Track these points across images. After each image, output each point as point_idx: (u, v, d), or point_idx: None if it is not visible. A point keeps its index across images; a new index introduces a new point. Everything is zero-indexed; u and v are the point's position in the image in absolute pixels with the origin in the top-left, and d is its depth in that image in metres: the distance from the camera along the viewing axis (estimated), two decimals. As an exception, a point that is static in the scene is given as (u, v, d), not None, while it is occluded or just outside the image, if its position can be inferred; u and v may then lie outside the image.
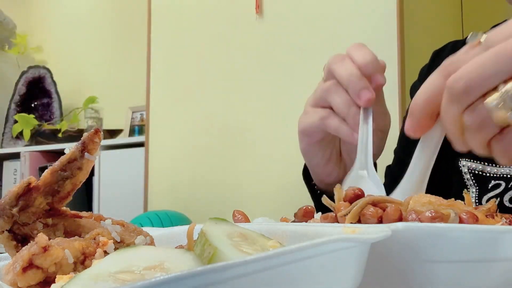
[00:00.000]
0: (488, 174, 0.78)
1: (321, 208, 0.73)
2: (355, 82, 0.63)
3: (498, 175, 0.77)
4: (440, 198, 0.43)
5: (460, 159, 0.80)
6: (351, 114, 0.63)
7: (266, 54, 2.16)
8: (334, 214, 0.45)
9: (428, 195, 0.44)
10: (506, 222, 0.43)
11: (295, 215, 0.49)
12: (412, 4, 1.95)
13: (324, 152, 0.72)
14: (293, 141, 0.77)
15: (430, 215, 0.39)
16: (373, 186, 0.59)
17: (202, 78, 2.35)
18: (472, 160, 0.80)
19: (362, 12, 1.96)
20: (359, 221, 0.43)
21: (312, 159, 0.74)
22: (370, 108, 0.63)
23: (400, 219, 0.40)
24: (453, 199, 0.44)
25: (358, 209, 0.42)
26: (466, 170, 0.80)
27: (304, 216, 0.48)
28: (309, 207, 0.49)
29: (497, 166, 0.78)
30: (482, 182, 0.78)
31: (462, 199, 0.79)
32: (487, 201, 0.77)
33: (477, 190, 0.78)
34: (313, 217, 0.48)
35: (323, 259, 0.30)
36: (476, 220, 0.39)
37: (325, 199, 0.48)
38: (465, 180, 0.80)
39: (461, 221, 0.39)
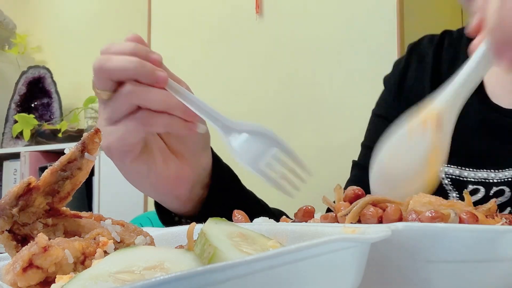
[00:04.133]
0: (465, 179, 0.76)
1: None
2: (143, 70, 0.57)
3: (475, 180, 0.75)
4: (440, 198, 0.43)
5: None
6: (171, 104, 0.58)
7: (266, 54, 2.16)
8: (334, 214, 0.45)
9: (428, 195, 0.44)
10: (506, 222, 0.43)
11: (295, 215, 0.49)
12: (412, 4, 1.95)
13: (155, 158, 0.64)
14: (293, 141, 0.77)
15: (430, 215, 0.39)
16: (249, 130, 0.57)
17: (202, 78, 2.35)
18: (448, 165, 0.78)
19: (362, 12, 1.96)
20: (359, 221, 0.43)
21: (144, 172, 0.64)
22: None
23: (400, 219, 0.40)
24: (453, 199, 0.44)
25: (358, 209, 0.42)
26: (443, 175, 0.78)
27: (304, 216, 0.48)
28: (309, 207, 0.49)
29: (474, 170, 0.76)
30: (460, 187, 0.77)
31: None
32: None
33: (457, 195, 0.77)
34: (313, 217, 0.48)
35: (323, 259, 0.30)
36: (476, 220, 0.39)
37: (325, 199, 0.48)
38: (444, 185, 0.78)
39: (461, 221, 0.39)
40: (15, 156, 2.98)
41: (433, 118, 0.48)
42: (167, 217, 0.71)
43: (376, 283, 0.38)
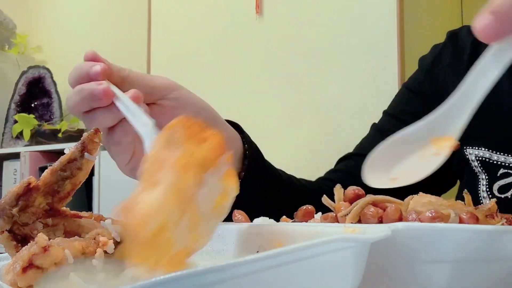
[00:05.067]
0: (495, 162, 0.78)
1: None
2: (88, 98, 0.56)
3: (506, 164, 0.77)
4: (440, 199, 0.43)
5: (465, 147, 0.80)
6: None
7: (266, 54, 2.16)
8: (334, 214, 0.45)
9: (428, 195, 0.44)
10: (506, 222, 0.43)
11: (295, 215, 0.49)
12: (412, 4, 1.95)
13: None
14: (293, 141, 0.77)
15: (430, 215, 0.39)
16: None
17: (202, 78, 2.35)
18: (478, 148, 0.79)
19: (362, 12, 1.96)
20: (359, 221, 0.43)
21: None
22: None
23: (400, 219, 0.40)
24: (453, 199, 0.44)
25: (358, 209, 0.42)
26: (473, 157, 0.79)
27: (304, 216, 0.48)
28: (309, 207, 0.49)
29: (505, 154, 0.77)
30: (490, 170, 0.78)
31: (474, 187, 0.78)
32: (498, 189, 0.77)
33: (487, 178, 0.78)
34: (313, 217, 0.48)
35: (323, 259, 0.30)
36: (476, 220, 0.39)
37: (325, 199, 0.48)
38: (473, 167, 0.79)
39: (461, 221, 0.39)
40: (15, 156, 2.98)
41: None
42: None
43: (376, 283, 0.38)
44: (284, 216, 0.53)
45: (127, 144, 0.63)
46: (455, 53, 0.87)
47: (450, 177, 0.86)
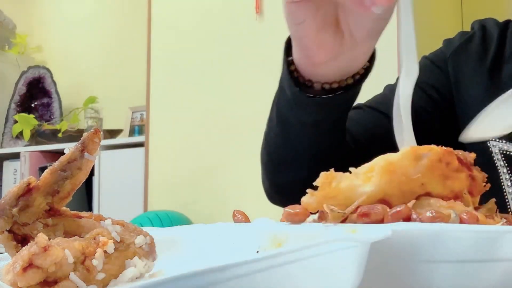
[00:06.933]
0: None
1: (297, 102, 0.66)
2: None
3: None
4: (440, 200, 0.43)
5: (489, 140, 0.79)
6: None
7: (266, 54, 2.16)
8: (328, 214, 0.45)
9: (429, 197, 0.44)
10: (506, 222, 0.43)
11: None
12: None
13: (315, 13, 0.59)
14: (293, 141, 0.77)
15: (430, 215, 0.39)
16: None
17: (202, 78, 2.35)
18: (501, 141, 0.78)
19: (362, 12, 1.96)
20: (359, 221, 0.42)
21: (300, 23, 0.60)
22: None
23: (408, 218, 0.40)
24: (452, 200, 0.43)
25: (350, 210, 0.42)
26: (497, 150, 0.79)
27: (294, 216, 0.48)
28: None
29: None
30: None
31: (496, 181, 0.78)
32: None
33: (509, 172, 0.78)
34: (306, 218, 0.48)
35: (323, 259, 0.30)
36: (476, 220, 0.39)
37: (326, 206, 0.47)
38: (495, 160, 0.78)
39: (461, 221, 0.39)
40: (15, 156, 2.98)
41: None
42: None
43: (376, 283, 0.38)
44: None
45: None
46: (483, 45, 0.86)
47: None
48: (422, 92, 0.85)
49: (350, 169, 0.44)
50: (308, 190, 0.44)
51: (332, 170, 0.44)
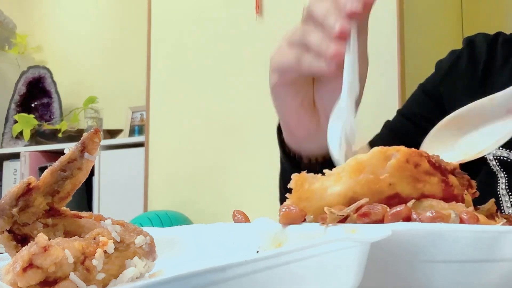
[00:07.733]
0: None
1: (293, 166, 0.72)
2: (331, 17, 0.61)
3: None
4: (441, 202, 0.43)
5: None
6: (327, 50, 0.60)
7: (266, 54, 2.16)
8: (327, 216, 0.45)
9: (430, 198, 0.44)
10: (506, 222, 0.43)
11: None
12: (412, 4, 1.95)
13: (295, 95, 0.68)
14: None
15: (431, 215, 0.39)
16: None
17: (202, 78, 2.35)
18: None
19: (362, 12, 1.96)
20: (360, 221, 0.42)
21: (282, 102, 0.69)
22: (355, 39, 0.62)
23: (408, 218, 0.40)
24: (453, 202, 0.43)
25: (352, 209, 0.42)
26: (491, 157, 0.80)
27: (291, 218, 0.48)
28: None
29: None
30: (509, 168, 0.78)
31: (490, 187, 0.79)
32: None
33: (506, 176, 0.78)
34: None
35: (323, 259, 0.30)
36: (476, 221, 0.39)
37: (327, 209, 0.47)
38: (491, 166, 0.80)
39: (461, 221, 0.39)
40: (15, 156, 2.98)
41: None
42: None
43: (376, 283, 0.38)
44: None
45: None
46: (472, 60, 0.89)
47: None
48: (410, 123, 0.90)
49: (324, 170, 0.45)
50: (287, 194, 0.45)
51: (303, 172, 0.45)
